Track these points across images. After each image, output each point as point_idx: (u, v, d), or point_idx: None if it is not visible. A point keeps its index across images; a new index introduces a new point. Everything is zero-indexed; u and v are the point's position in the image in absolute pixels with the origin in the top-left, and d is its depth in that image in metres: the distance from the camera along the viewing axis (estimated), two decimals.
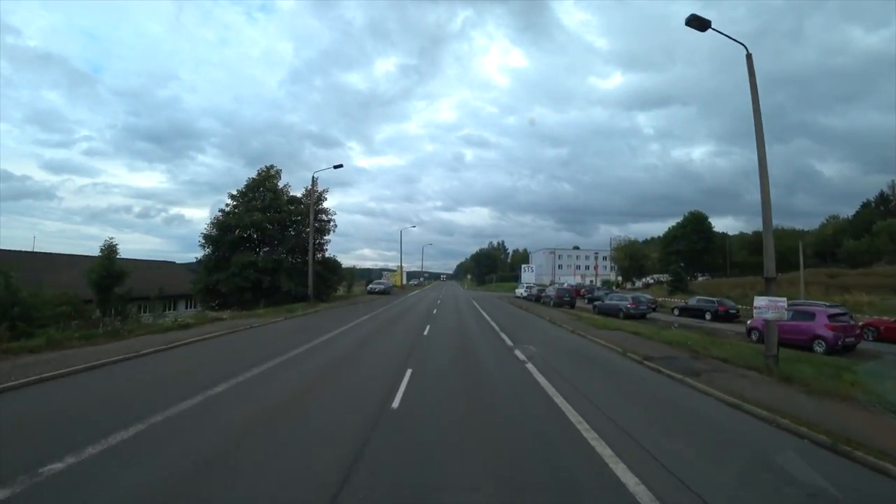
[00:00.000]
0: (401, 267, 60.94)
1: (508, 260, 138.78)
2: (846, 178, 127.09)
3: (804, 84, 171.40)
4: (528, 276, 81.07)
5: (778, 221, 69.83)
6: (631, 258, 62.27)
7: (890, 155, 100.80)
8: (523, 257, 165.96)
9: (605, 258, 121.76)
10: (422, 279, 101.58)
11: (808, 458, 5.34)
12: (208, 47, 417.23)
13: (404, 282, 66.01)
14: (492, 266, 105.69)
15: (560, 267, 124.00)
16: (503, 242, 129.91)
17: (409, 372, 9.41)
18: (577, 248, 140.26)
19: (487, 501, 4.13)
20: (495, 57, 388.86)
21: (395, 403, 7.12)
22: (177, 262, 46.54)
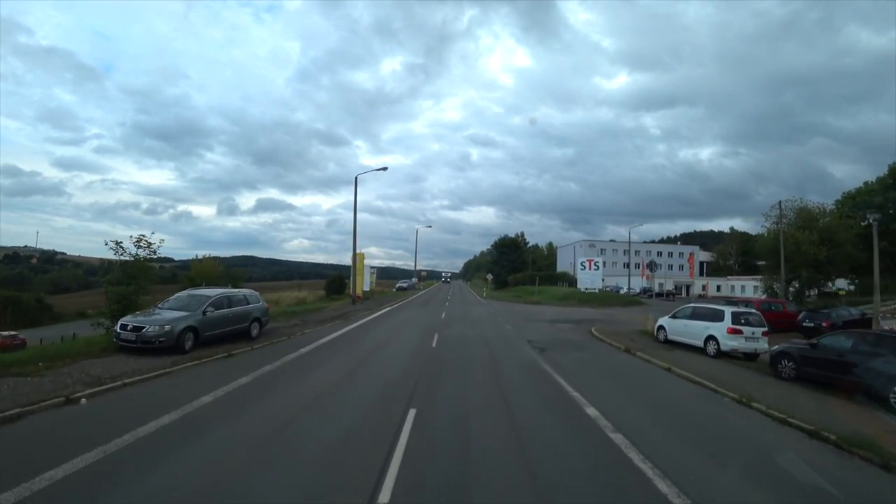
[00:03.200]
0: (354, 257, 28.50)
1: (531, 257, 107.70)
2: (858, 180, 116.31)
3: (813, 85, 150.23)
4: (589, 276, 48.53)
5: None
6: (829, 243, 29.66)
7: None
8: (547, 254, 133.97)
9: (679, 252, 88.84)
10: (414, 280, 69.07)
11: None
12: (216, 47, 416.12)
13: (366, 287, 33.46)
14: (517, 262, 73.27)
15: (602, 265, 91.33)
16: (523, 234, 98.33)
17: None
18: (612, 240, 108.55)
19: None
20: (501, 56, 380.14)
21: None
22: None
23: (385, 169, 28.56)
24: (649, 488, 4.50)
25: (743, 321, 13.33)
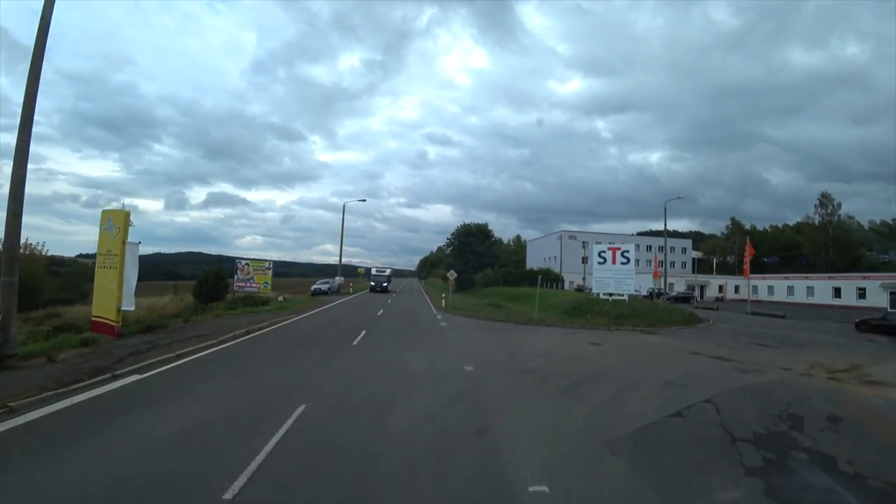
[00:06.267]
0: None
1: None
2: (792, 186, 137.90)
3: (752, 96, 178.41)
4: (612, 274, 30.80)
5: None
6: None
7: (830, 164, 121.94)
8: (514, 248, 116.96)
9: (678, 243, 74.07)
10: (338, 280, 49.01)
11: None
12: (168, 35, 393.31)
13: (125, 304, 13.24)
14: (485, 256, 55.22)
15: (584, 260, 74.95)
16: (487, 225, 79.16)
17: None
18: (576, 230, 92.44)
19: None
20: (458, 56, 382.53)
21: None
22: None
23: None
24: None
25: None
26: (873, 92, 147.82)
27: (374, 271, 55.39)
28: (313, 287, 46.13)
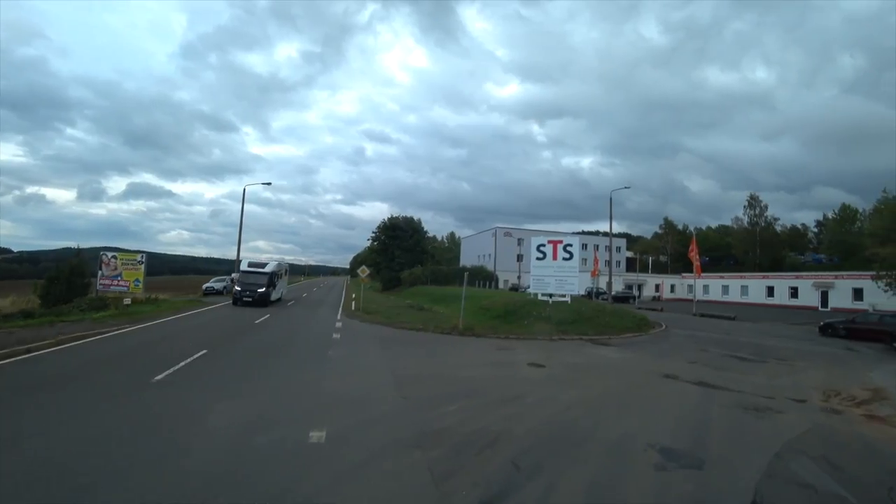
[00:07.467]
0: None
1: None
2: (709, 193, 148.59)
3: (675, 110, 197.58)
4: (553, 271, 26.64)
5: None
6: None
7: (741, 175, 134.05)
8: (448, 246, 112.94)
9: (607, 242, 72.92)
10: (234, 277, 41.92)
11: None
12: (86, 9, 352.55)
13: None
14: (415, 251, 50.50)
15: (519, 258, 72.42)
16: (420, 221, 72.97)
17: None
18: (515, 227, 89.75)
19: None
20: (399, 54, 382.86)
21: None
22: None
23: None
24: None
25: None
26: (777, 113, 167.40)
27: (245, 265, 29.70)
28: (205, 286, 38.88)
